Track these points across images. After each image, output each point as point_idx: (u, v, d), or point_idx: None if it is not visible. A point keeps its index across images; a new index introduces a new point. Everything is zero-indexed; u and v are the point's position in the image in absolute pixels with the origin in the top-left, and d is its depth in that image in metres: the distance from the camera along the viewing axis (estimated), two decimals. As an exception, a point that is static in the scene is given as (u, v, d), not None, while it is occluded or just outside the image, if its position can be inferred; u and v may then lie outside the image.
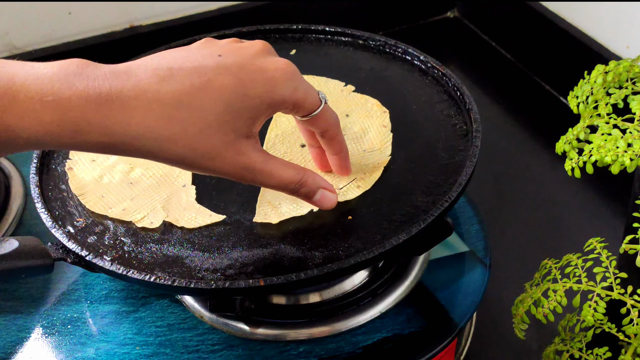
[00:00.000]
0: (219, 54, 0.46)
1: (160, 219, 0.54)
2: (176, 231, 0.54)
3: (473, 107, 0.61)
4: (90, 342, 0.57)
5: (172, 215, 0.55)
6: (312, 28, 0.74)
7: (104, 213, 0.55)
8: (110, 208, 0.56)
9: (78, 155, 0.61)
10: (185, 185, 0.57)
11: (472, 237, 0.65)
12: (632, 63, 0.54)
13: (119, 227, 0.54)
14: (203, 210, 0.55)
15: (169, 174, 0.58)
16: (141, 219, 0.55)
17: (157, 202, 0.56)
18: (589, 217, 0.82)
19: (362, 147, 0.60)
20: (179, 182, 0.58)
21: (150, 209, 0.55)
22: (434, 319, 0.58)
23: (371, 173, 0.57)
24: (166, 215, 0.55)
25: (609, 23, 0.90)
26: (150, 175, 0.58)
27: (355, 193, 0.55)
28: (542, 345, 0.67)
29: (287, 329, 0.57)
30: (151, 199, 0.56)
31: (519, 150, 0.92)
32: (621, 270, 0.50)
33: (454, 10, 1.18)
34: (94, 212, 0.55)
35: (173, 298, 0.60)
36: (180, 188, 0.57)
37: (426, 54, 0.68)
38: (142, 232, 0.54)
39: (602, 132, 0.50)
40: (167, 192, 0.57)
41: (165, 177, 0.58)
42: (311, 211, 0.54)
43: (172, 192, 0.57)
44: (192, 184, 0.57)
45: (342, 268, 0.49)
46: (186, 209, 0.55)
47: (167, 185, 0.57)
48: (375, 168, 0.57)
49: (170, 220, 0.54)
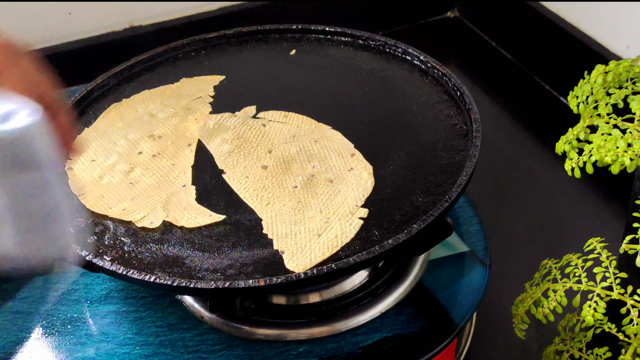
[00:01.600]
0: None
1: (160, 218, 0.54)
2: (176, 231, 0.54)
3: (473, 107, 0.61)
4: (90, 342, 0.57)
5: (172, 215, 0.55)
6: (312, 28, 0.74)
7: (104, 213, 0.55)
8: (110, 208, 0.56)
9: (77, 156, 0.61)
10: (185, 185, 0.57)
11: (472, 237, 0.65)
12: (632, 63, 0.54)
13: (119, 227, 0.54)
14: (203, 210, 0.55)
15: (169, 174, 0.58)
16: (141, 218, 0.55)
17: (157, 202, 0.56)
18: (589, 217, 0.82)
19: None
20: (178, 182, 0.58)
21: (150, 209, 0.55)
22: (434, 319, 0.58)
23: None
24: (166, 215, 0.55)
25: (609, 23, 0.90)
26: (150, 175, 0.58)
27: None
28: (542, 345, 0.67)
29: (287, 329, 0.57)
30: (151, 199, 0.56)
31: (519, 150, 0.92)
32: (621, 270, 0.50)
33: (454, 10, 1.18)
34: (94, 212, 0.55)
35: (173, 298, 0.60)
36: (180, 188, 0.57)
37: (426, 54, 0.68)
38: (142, 232, 0.54)
39: (602, 132, 0.50)
40: (167, 193, 0.57)
41: (165, 177, 0.58)
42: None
43: (172, 192, 0.57)
44: (192, 185, 0.57)
45: (342, 268, 0.49)
46: (186, 209, 0.55)
47: (167, 186, 0.57)
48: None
49: (170, 220, 0.54)
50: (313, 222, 0.53)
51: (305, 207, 0.54)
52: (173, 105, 0.67)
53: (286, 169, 0.58)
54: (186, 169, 0.59)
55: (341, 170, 0.57)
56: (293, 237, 0.52)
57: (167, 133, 0.63)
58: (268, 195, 0.56)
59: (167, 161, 0.60)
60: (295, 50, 0.72)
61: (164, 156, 0.60)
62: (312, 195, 0.55)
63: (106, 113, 0.66)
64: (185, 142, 0.62)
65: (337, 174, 0.57)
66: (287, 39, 0.74)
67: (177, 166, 0.59)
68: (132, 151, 0.61)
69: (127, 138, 0.63)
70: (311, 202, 0.55)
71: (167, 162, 0.60)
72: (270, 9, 1.03)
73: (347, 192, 0.55)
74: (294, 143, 0.61)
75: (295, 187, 0.56)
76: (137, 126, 0.64)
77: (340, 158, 0.59)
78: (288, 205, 0.54)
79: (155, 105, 0.67)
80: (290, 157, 0.59)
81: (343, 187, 0.56)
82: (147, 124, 0.64)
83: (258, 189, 0.56)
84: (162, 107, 0.66)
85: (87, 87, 0.68)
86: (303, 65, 0.70)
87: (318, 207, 0.54)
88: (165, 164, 0.60)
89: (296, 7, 1.04)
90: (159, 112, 0.66)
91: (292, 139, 0.61)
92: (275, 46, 0.73)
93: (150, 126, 0.64)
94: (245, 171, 0.58)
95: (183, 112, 0.66)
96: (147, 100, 0.67)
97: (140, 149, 0.61)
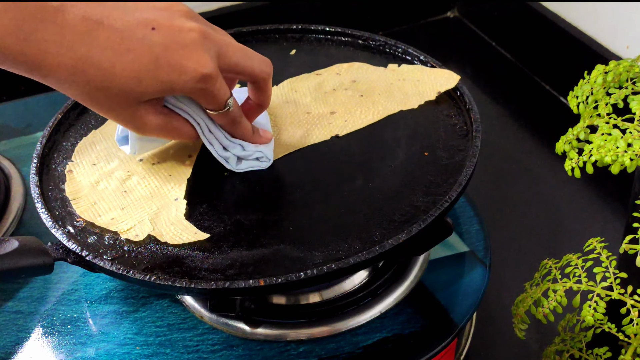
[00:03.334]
0: (153, 27, 0.48)
1: (145, 232, 0.53)
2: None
3: (473, 107, 0.61)
4: (90, 342, 0.57)
5: (157, 229, 0.54)
6: (312, 28, 0.74)
7: (92, 220, 0.55)
8: (100, 216, 0.55)
9: (79, 158, 0.60)
10: (178, 199, 0.56)
11: (472, 237, 0.65)
12: (632, 63, 0.55)
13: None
14: (189, 227, 0.54)
15: (164, 185, 0.57)
16: (127, 230, 0.54)
17: (146, 214, 0.55)
18: (589, 217, 0.82)
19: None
20: (171, 195, 0.57)
21: (138, 221, 0.54)
22: (434, 319, 0.58)
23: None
24: (152, 228, 0.54)
25: (609, 23, 0.90)
26: (145, 185, 0.57)
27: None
28: (542, 345, 0.67)
29: (287, 329, 0.57)
30: (141, 210, 0.55)
31: (519, 150, 0.92)
32: (621, 270, 0.50)
33: (454, 10, 1.18)
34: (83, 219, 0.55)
35: (173, 298, 0.60)
36: (172, 202, 0.56)
37: (426, 54, 0.68)
38: (127, 243, 0.53)
39: (602, 132, 0.50)
40: (157, 205, 0.56)
41: (159, 188, 0.57)
42: (312, 209, 0.54)
43: (162, 204, 0.56)
44: (184, 199, 0.56)
45: (342, 268, 0.49)
46: (173, 224, 0.54)
47: (159, 198, 0.56)
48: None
49: (154, 235, 0.53)
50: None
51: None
52: None
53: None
54: (182, 182, 0.58)
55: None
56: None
57: (169, 141, 0.62)
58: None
59: (165, 172, 0.59)
60: (295, 50, 0.72)
61: (162, 166, 0.59)
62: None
63: None
64: (186, 152, 0.60)
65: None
66: (287, 39, 0.74)
67: (173, 177, 0.58)
68: (133, 158, 0.60)
69: None
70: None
71: (164, 172, 0.59)
72: (270, 9, 1.03)
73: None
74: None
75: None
76: None
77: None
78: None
79: None
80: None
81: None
82: None
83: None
84: None
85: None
86: (303, 65, 0.70)
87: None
88: (162, 174, 0.58)
89: (296, 7, 1.04)
90: None
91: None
92: (275, 46, 0.73)
93: None
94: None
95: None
96: None
97: (141, 156, 0.60)
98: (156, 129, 0.53)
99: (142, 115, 0.51)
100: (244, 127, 0.57)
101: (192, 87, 0.50)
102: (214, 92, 0.51)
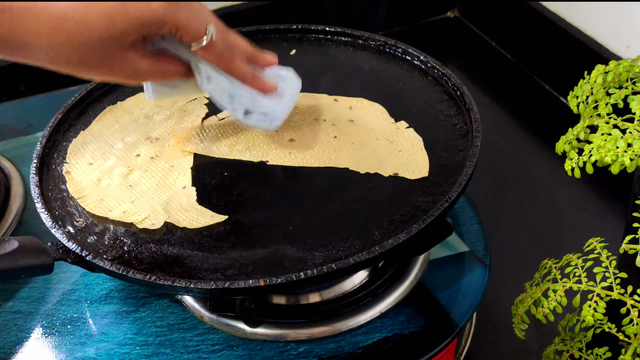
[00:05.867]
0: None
1: (161, 220, 0.54)
2: (176, 231, 0.54)
3: (473, 107, 0.61)
4: (90, 342, 0.57)
5: (173, 216, 0.55)
6: (312, 28, 0.74)
7: (105, 215, 0.55)
8: (111, 211, 0.56)
9: (75, 159, 0.61)
10: (186, 187, 0.57)
11: (472, 237, 0.65)
12: (632, 63, 0.54)
13: (119, 228, 0.54)
14: (204, 211, 0.55)
15: (168, 176, 0.58)
16: (142, 220, 0.54)
17: (157, 203, 0.56)
18: (589, 217, 0.82)
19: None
20: (178, 184, 0.58)
21: (151, 211, 0.55)
22: (434, 319, 0.58)
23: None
24: (167, 216, 0.55)
25: (609, 23, 0.90)
26: (149, 178, 0.58)
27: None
28: (542, 345, 0.67)
29: (287, 329, 0.57)
30: (151, 201, 0.56)
31: (519, 150, 0.92)
32: (621, 270, 0.50)
33: (454, 10, 1.18)
34: (94, 215, 0.55)
35: (173, 298, 0.60)
36: (180, 190, 0.57)
37: (426, 54, 0.68)
38: (143, 234, 0.54)
39: (602, 132, 0.50)
40: (167, 195, 0.57)
41: (164, 179, 0.58)
42: (312, 210, 0.54)
43: (172, 194, 0.57)
44: (192, 186, 0.57)
45: (342, 268, 0.49)
46: (187, 210, 0.55)
47: (166, 188, 0.57)
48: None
49: (171, 222, 0.54)
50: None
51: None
52: (169, 107, 0.66)
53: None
54: (185, 171, 0.59)
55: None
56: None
57: (164, 135, 0.63)
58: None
59: (166, 163, 0.60)
60: (295, 50, 0.72)
61: (162, 158, 0.60)
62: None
63: (101, 116, 0.66)
64: (183, 145, 0.61)
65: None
66: (287, 39, 0.74)
67: (175, 168, 0.59)
68: (129, 154, 0.61)
69: (124, 141, 0.62)
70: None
71: (165, 164, 0.60)
72: (270, 9, 1.03)
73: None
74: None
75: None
76: (133, 129, 0.64)
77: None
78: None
79: (150, 108, 0.66)
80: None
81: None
82: (144, 126, 0.64)
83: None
84: (157, 109, 0.66)
85: (87, 88, 0.68)
86: (303, 65, 0.70)
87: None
88: (164, 166, 0.59)
89: (296, 7, 1.04)
90: (154, 114, 0.66)
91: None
92: (275, 46, 0.73)
93: (147, 128, 0.64)
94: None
95: (179, 113, 0.65)
96: (142, 103, 0.67)
97: (137, 152, 0.61)
98: (148, 72, 0.53)
99: (129, 61, 0.51)
100: (238, 66, 0.56)
101: (163, 17, 0.49)
102: (188, 20, 0.51)
